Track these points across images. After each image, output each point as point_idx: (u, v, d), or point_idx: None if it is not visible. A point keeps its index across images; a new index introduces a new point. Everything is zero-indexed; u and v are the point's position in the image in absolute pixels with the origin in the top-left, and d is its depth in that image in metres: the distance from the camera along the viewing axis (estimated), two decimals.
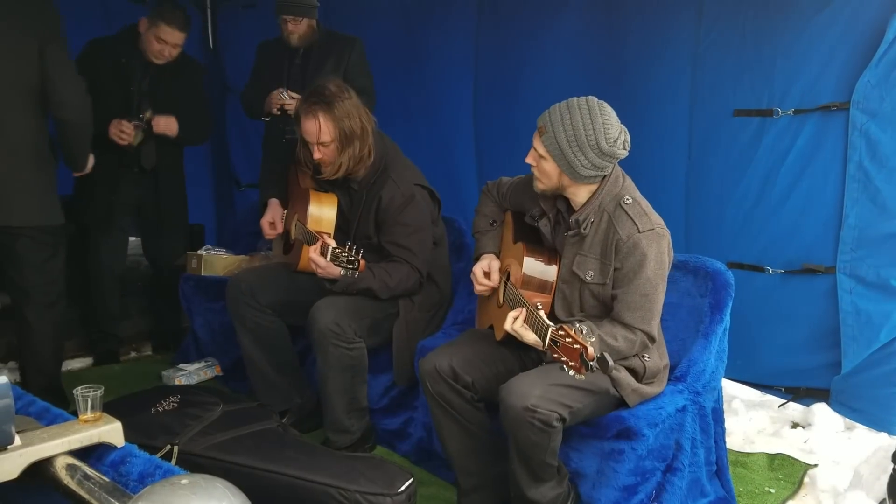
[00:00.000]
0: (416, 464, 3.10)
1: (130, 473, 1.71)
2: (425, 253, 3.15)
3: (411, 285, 3.13)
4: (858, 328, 3.14)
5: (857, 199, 3.08)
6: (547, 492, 2.43)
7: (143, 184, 4.02)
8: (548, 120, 2.38)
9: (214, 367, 3.98)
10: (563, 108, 2.36)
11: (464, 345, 2.66)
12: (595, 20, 3.82)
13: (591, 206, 2.43)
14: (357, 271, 2.85)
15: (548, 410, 2.24)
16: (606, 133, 2.32)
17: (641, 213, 2.40)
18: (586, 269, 2.44)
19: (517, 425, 2.28)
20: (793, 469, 3.06)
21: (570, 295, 2.49)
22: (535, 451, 2.32)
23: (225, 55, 5.40)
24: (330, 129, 3.01)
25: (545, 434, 2.27)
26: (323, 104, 3.00)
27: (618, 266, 2.39)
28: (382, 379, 3.24)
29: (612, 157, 2.36)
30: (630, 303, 2.36)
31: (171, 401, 2.94)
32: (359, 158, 3.09)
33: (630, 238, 2.36)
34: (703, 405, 2.62)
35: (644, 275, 2.35)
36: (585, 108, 2.34)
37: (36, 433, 1.71)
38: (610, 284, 2.41)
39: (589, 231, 2.43)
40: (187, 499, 1.32)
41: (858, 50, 3.02)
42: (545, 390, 2.26)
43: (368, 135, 3.09)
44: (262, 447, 2.71)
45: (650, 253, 2.35)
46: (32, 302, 3.25)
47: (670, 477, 2.54)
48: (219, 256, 4.13)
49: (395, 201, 3.08)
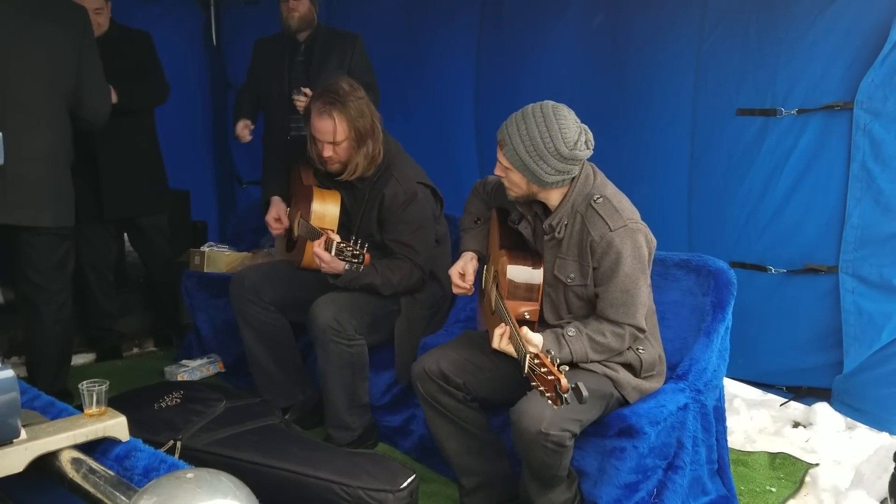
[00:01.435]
0: (417, 461, 3.11)
1: (135, 468, 1.71)
2: (428, 250, 3.16)
3: (414, 282, 3.14)
4: (860, 328, 3.15)
5: (860, 198, 3.08)
6: (556, 497, 2.43)
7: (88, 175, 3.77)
8: (506, 133, 2.37)
9: (217, 363, 3.99)
10: (518, 119, 2.35)
11: (456, 348, 2.66)
12: (599, 17, 3.82)
13: (562, 209, 2.43)
14: (362, 265, 2.86)
15: (560, 432, 2.23)
16: (565, 137, 2.30)
17: (612, 211, 2.39)
18: (567, 272, 2.44)
19: (530, 448, 2.27)
20: (794, 468, 3.06)
21: (556, 298, 2.49)
22: (548, 470, 2.33)
23: (227, 52, 5.41)
24: (344, 128, 3.00)
25: (558, 454, 2.28)
26: (338, 104, 2.99)
27: (595, 266, 2.39)
28: (385, 376, 3.25)
29: (575, 160, 2.34)
30: (612, 300, 2.37)
31: (174, 396, 2.95)
32: (371, 157, 3.09)
33: (603, 238, 2.36)
34: (705, 403, 2.62)
35: (622, 271, 2.35)
36: (540, 115, 2.32)
37: (41, 427, 1.71)
38: (591, 284, 2.42)
39: (564, 234, 2.44)
40: (193, 493, 1.32)
41: (862, 50, 3.02)
42: (556, 411, 2.21)
43: (379, 133, 3.10)
44: (264, 443, 2.72)
45: (625, 250, 2.35)
46: (47, 301, 3.27)
47: (672, 475, 2.54)
48: (221, 253, 4.13)
49: (398, 199, 3.08)
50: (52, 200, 3.16)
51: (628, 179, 2.55)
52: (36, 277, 3.24)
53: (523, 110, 2.36)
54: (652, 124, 3.66)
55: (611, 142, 3.74)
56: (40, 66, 3.05)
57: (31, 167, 3.05)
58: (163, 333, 4.46)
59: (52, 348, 3.35)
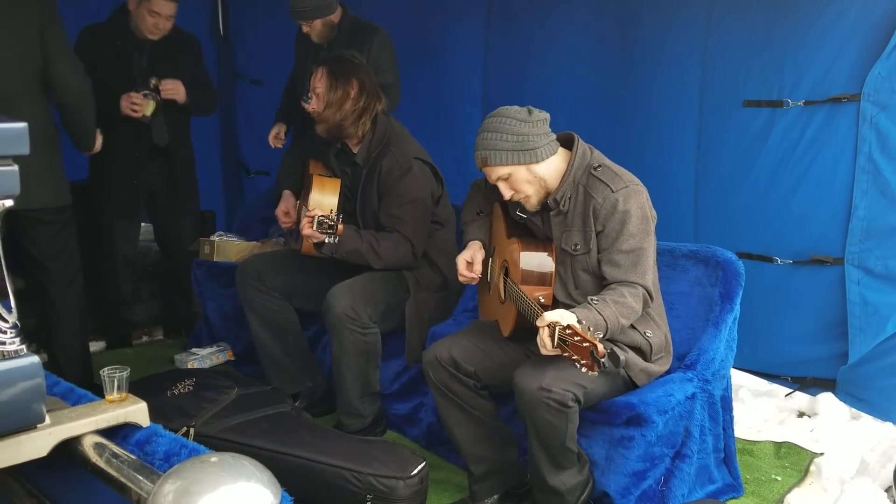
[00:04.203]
0: (426, 448, 3.14)
1: (156, 452, 1.75)
2: (419, 225, 3.18)
3: (402, 255, 3.15)
4: (866, 319, 3.16)
5: (867, 190, 3.09)
6: (568, 479, 2.44)
7: (158, 165, 4.02)
8: (482, 149, 2.45)
9: (227, 351, 4.02)
10: (481, 135, 2.46)
11: (467, 336, 2.69)
12: (605, 10, 3.83)
13: (565, 183, 2.48)
14: (336, 236, 2.93)
15: (562, 390, 2.27)
16: (511, 109, 2.43)
17: (613, 175, 2.45)
18: (572, 242, 2.48)
19: (533, 407, 2.30)
20: (799, 457, 3.09)
21: (564, 273, 2.53)
22: (554, 435, 2.33)
23: (235, 42, 5.41)
24: (324, 82, 3.15)
25: (562, 415, 2.29)
26: (332, 60, 3.21)
27: (599, 229, 2.42)
28: (394, 364, 3.28)
29: (539, 118, 2.44)
30: (620, 260, 2.39)
31: (186, 384, 2.98)
32: (347, 109, 3.15)
33: (606, 200, 2.40)
34: (713, 393, 2.65)
35: (628, 230, 2.38)
36: (488, 121, 2.46)
37: (64, 412, 1.75)
38: (594, 250, 2.45)
39: (568, 207, 2.49)
40: (217, 476, 1.35)
41: (870, 42, 3.03)
42: (558, 371, 2.28)
43: (373, 104, 3.18)
44: (276, 430, 2.76)
45: (631, 208, 2.38)
46: (53, 280, 3.29)
47: (679, 463, 2.57)
48: (231, 242, 4.16)
49: (393, 172, 3.13)
50: (38, 183, 3.09)
51: (634, 170, 2.56)
52: (39, 257, 3.25)
53: (479, 129, 2.48)
54: (659, 115, 3.67)
55: (618, 133, 3.77)
56: (3, 50, 3.00)
57: None
58: (172, 322, 4.50)
59: (64, 325, 3.37)
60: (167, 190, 4.09)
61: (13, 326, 1.65)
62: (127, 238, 4.08)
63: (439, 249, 3.29)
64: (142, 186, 3.99)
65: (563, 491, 2.45)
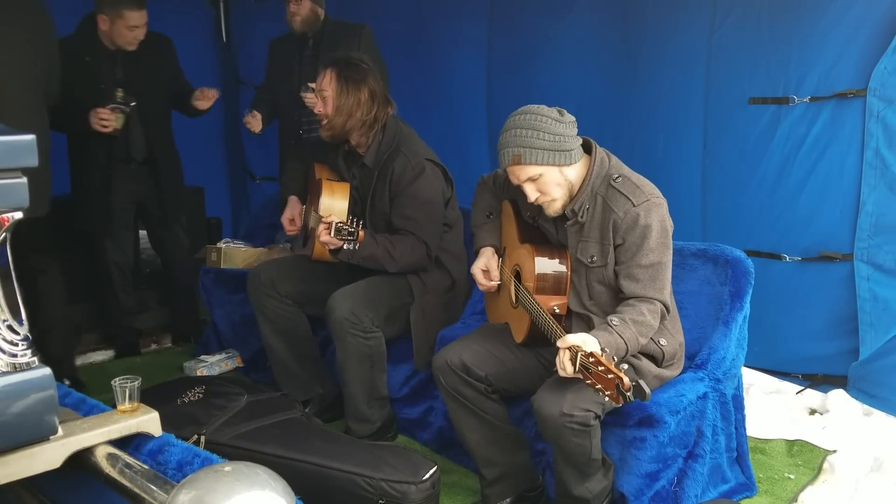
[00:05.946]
0: (437, 452, 3.14)
1: (169, 462, 1.74)
2: (434, 227, 3.16)
3: (418, 257, 3.13)
4: (876, 315, 3.15)
5: (875, 186, 3.08)
6: (594, 486, 2.42)
7: (140, 178, 3.97)
8: (515, 146, 2.35)
9: (235, 358, 4.02)
10: (513, 131, 2.36)
11: (477, 340, 2.67)
12: (609, 9, 3.82)
13: (583, 193, 2.43)
14: (357, 242, 2.91)
15: (583, 412, 2.24)
16: (542, 108, 2.36)
17: (633, 188, 2.40)
18: (588, 254, 2.45)
19: (557, 433, 2.28)
20: (812, 455, 3.08)
21: (579, 283, 2.50)
22: (581, 453, 2.32)
23: (238, 49, 5.42)
24: (334, 84, 3.10)
25: (585, 434, 2.28)
26: (340, 62, 3.14)
27: (619, 242, 2.39)
28: (403, 368, 3.27)
29: (568, 119, 2.38)
30: (639, 275, 2.36)
31: (196, 391, 2.98)
32: (364, 122, 3.13)
33: (627, 214, 2.36)
34: (724, 392, 2.64)
35: (648, 245, 2.35)
36: (518, 115, 2.38)
37: (77, 423, 1.75)
38: (611, 264, 2.41)
39: (586, 218, 2.45)
40: (231, 486, 1.35)
41: (875, 37, 3.02)
42: (576, 393, 2.24)
43: (382, 106, 3.15)
44: (287, 436, 2.75)
45: (652, 223, 2.35)
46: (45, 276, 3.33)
47: (692, 463, 2.57)
48: (238, 249, 4.16)
49: (406, 174, 3.10)
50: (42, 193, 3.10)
51: (642, 169, 2.55)
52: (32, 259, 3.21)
53: (506, 126, 2.40)
54: (664, 114, 3.66)
55: (623, 132, 3.76)
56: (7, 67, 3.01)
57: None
58: (180, 329, 4.50)
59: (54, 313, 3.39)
60: (152, 201, 4.05)
61: (24, 338, 1.65)
62: (120, 248, 4.05)
63: (448, 251, 3.28)
64: (120, 201, 3.95)
65: (590, 498, 2.43)
